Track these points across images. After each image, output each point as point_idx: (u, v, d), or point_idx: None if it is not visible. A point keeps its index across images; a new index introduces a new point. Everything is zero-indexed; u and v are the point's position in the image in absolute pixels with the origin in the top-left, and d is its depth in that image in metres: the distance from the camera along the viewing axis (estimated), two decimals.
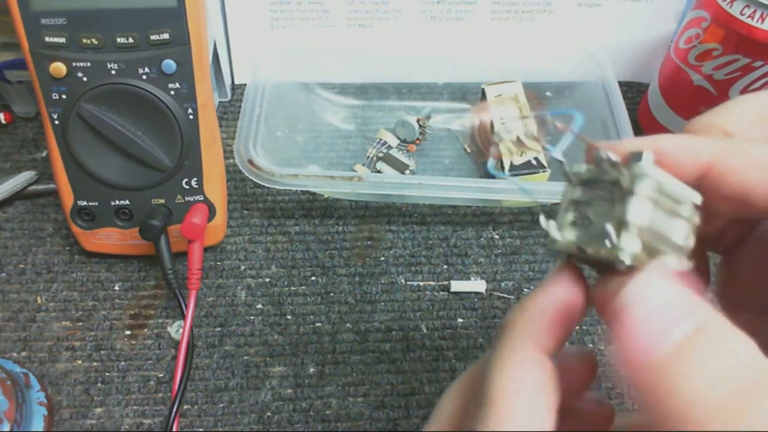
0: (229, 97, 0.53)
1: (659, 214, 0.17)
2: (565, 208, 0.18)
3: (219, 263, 0.43)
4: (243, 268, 0.43)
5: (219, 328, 0.40)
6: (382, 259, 0.43)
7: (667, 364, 0.14)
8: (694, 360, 0.13)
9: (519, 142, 0.45)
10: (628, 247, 0.16)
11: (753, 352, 0.14)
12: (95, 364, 0.38)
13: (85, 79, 0.35)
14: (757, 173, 0.17)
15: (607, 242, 0.16)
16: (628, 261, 0.16)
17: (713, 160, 0.18)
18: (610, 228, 0.16)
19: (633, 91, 0.55)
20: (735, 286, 0.23)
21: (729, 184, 0.18)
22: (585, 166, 0.18)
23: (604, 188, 0.17)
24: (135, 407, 0.37)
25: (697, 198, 0.18)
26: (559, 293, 0.18)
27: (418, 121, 0.49)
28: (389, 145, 0.49)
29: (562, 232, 0.18)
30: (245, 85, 0.46)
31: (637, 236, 0.16)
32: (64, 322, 0.40)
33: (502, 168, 0.44)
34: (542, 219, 0.18)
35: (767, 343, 0.18)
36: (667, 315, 0.14)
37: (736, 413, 0.13)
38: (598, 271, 0.18)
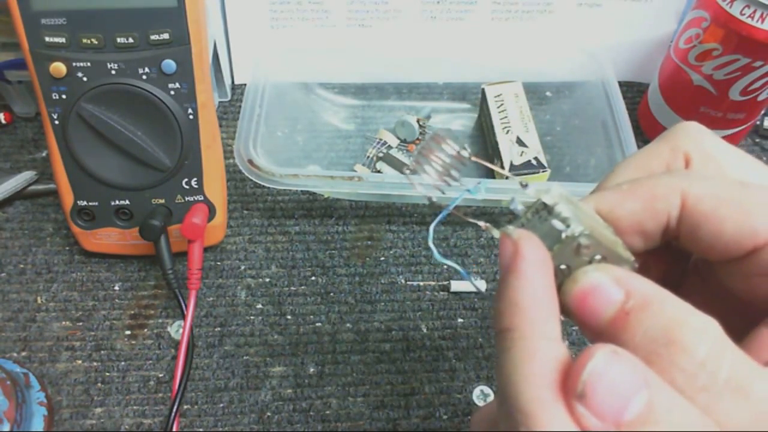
0: (229, 97, 0.53)
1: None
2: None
3: (219, 263, 0.43)
4: (243, 268, 0.43)
5: (219, 328, 0.40)
6: (382, 259, 0.43)
7: None
8: None
9: (519, 141, 0.45)
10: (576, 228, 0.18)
11: (698, 418, 0.15)
12: (95, 364, 0.38)
13: (85, 79, 0.35)
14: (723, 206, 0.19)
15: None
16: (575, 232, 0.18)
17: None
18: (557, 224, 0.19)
19: (633, 91, 0.55)
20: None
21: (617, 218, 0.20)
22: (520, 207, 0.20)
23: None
24: (135, 407, 0.37)
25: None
26: (537, 272, 0.18)
27: (418, 121, 0.49)
28: (389, 145, 0.49)
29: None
30: (245, 85, 0.46)
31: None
32: (64, 322, 0.40)
33: (502, 166, 0.44)
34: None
35: None
36: (621, 391, 0.15)
37: None
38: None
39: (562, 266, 0.19)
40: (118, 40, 0.34)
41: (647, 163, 0.22)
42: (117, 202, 0.39)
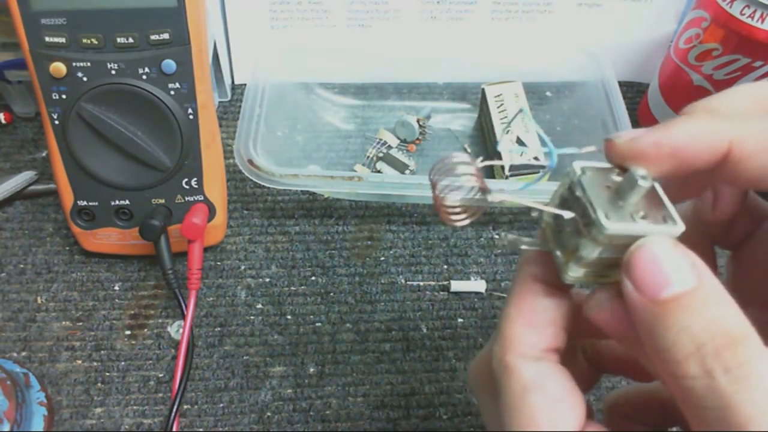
0: (229, 97, 0.53)
1: (611, 250, 0.18)
2: (553, 197, 0.20)
3: (219, 263, 0.43)
4: (243, 268, 0.43)
5: (219, 328, 0.40)
6: (382, 259, 0.43)
7: (661, 310, 0.16)
8: (685, 312, 0.16)
9: (519, 141, 0.45)
10: (571, 273, 0.19)
11: (738, 313, 0.16)
12: (95, 364, 0.38)
13: (85, 79, 0.35)
14: None
15: (556, 260, 0.19)
16: (567, 282, 0.19)
17: (731, 146, 0.18)
18: (559, 255, 0.19)
19: (633, 91, 0.55)
20: (743, 281, 0.23)
21: (747, 169, 0.18)
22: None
23: (578, 206, 0.19)
24: (135, 407, 0.37)
25: (677, 230, 0.17)
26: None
27: (418, 121, 0.49)
28: (389, 145, 0.49)
29: (545, 215, 0.20)
30: (245, 85, 0.46)
31: (581, 267, 0.18)
32: (64, 322, 0.40)
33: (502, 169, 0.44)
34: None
35: None
36: (670, 268, 0.16)
37: (707, 364, 0.15)
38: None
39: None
40: (118, 40, 0.34)
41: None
42: (117, 202, 0.39)
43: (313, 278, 0.42)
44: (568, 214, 0.18)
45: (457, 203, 0.19)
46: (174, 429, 0.35)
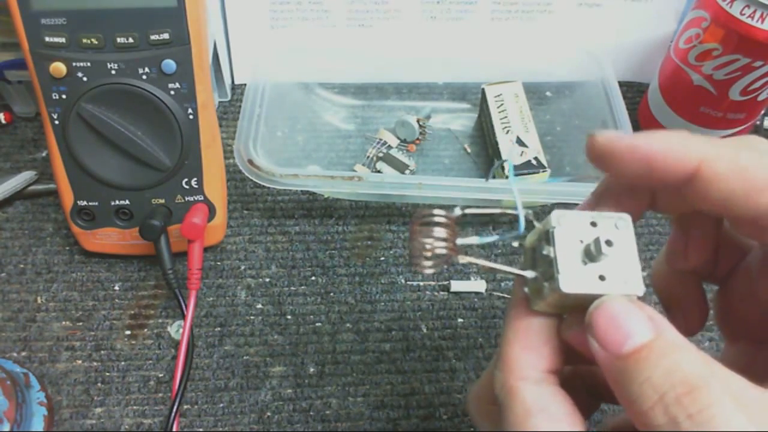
0: (229, 97, 0.53)
1: (572, 300, 0.19)
2: (534, 232, 0.21)
3: (219, 263, 0.43)
4: (243, 268, 0.43)
5: (219, 328, 0.40)
6: (382, 259, 0.43)
7: (624, 364, 0.17)
8: (645, 364, 0.16)
9: (519, 142, 0.45)
10: (536, 307, 0.20)
11: (696, 359, 0.16)
12: (95, 364, 0.38)
13: (85, 79, 0.35)
14: (740, 183, 0.18)
15: (527, 289, 0.21)
16: (534, 309, 0.20)
17: (701, 165, 0.18)
18: (525, 290, 0.20)
19: (633, 91, 0.55)
20: (730, 316, 0.24)
21: (714, 190, 0.18)
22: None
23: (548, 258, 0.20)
24: (135, 407, 0.37)
25: (636, 294, 0.19)
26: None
27: (418, 121, 0.49)
28: (389, 145, 0.49)
29: (526, 243, 0.22)
30: (245, 85, 0.46)
31: (545, 304, 0.20)
32: (64, 322, 0.40)
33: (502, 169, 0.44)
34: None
35: (762, 370, 0.19)
36: (628, 324, 0.17)
37: (671, 412, 0.15)
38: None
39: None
40: (118, 40, 0.34)
41: None
42: (117, 202, 0.39)
43: (313, 278, 0.42)
44: (530, 274, 0.20)
45: (429, 262, 0.21)
46: (174, 429, 0.35)
